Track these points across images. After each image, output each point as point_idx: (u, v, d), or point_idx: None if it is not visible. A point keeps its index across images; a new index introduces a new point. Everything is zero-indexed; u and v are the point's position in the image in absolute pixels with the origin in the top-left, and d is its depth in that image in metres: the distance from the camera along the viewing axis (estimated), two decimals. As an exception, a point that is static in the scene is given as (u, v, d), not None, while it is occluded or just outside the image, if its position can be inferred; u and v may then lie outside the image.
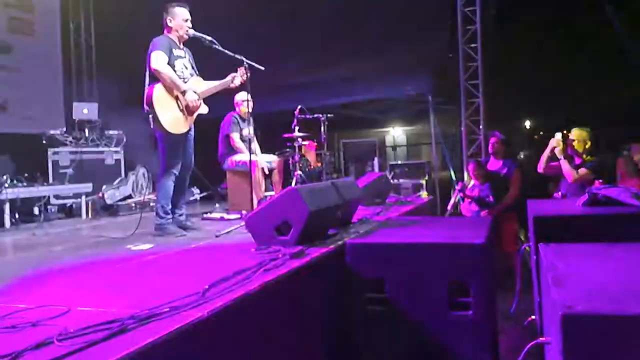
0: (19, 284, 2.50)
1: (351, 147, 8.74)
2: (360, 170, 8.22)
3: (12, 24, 7.59)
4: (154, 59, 3.91)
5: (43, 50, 8.04)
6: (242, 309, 2.03)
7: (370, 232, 3.45)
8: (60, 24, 8.39)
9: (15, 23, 7.64)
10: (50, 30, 8.21)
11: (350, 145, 8.76)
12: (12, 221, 5.17)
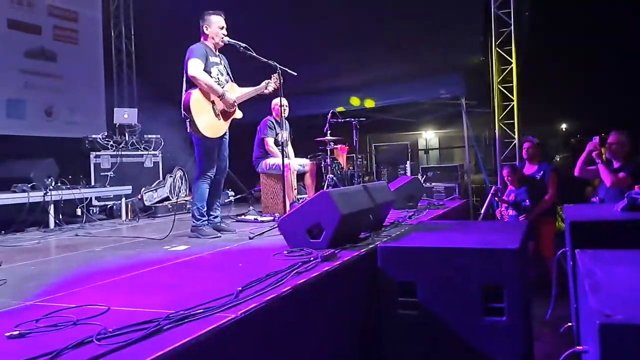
0: (61, 283, 2.61)
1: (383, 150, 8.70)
2: (393, 174, 8.17)
3: (58, 33, 7.91)
4: (190, 67, 4.02)
5: (86, 57, 8.36)
6: (274, 311, 2.06)
7: (402, 236, 3.43)
8: (102, 32, 8.69)
9: (60, 32, 7.96)
10: (93, 38, 8.52)
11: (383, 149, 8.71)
12: (56, 222, 5.38)
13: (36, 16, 7.61)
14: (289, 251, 3.03)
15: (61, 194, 5.45)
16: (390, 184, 5.16)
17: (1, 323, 1.85)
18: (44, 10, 7.74)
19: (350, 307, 2.84)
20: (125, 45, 9.09)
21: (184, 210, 6.45)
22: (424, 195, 6.35)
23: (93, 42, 8.53)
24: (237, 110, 4.33)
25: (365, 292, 2.98)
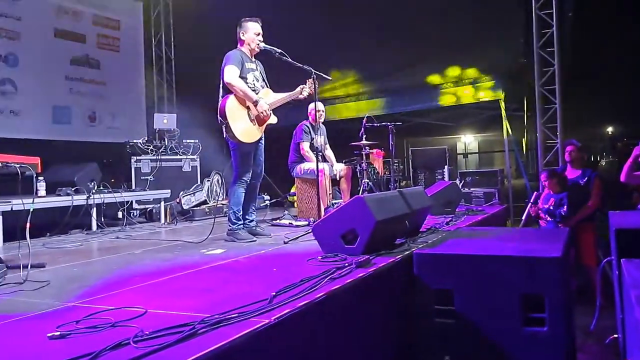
0: (102, 285, 2.67)
1: (420, 154, 8.57)
2: (430, 179, 8.05)
3: (101, 41, 8.18)
4: (226, 73, 4.08)
5: (127, 64, 8.61)
6: (308, 317, 2.05)
7: (439, 242, 3.38)
8: (142, 39, 8.94)
9: (104, 40, 8.23)
10: (134, 46, 8.77)
11: (420, 153, 8.59)
12: (98, 224, 5.54)
13: (81, 25, 7.89)
14: (323, 256, 3.02)
15: (103, 198, 5.61)
16: (427, 189, 5.08)
17: (44, 323, 1.91)
18: (89, 20, 8.01)
19: (385, 315, 2.80)
20: (165, 52, 9.31)
21: (221, 213, 6.53)
22: (462, 200, 6.23)
23: (134, 50, 8.78)
24: (272, 116, 4.36)
25: (400, 299, 2.94)
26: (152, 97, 9.01)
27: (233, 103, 4.11)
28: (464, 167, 10.16)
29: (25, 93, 7.05)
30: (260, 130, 4.32)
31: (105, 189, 5.80)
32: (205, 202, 6.99)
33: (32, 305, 2.23)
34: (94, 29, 8.09)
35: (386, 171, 6.95)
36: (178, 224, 6.08)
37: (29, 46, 7.12)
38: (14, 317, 2.05)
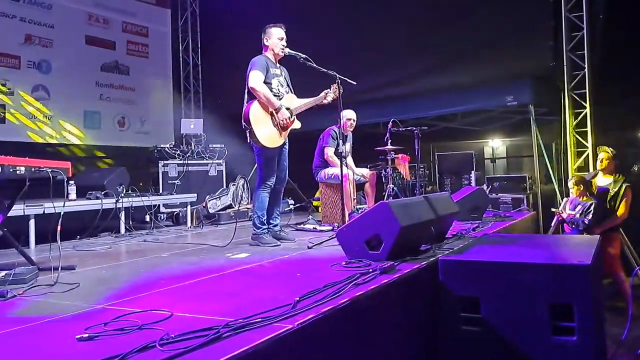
0: (130, 287, 2.72)
1: (446, 159, 8.47)
2: (456, 184, 7.95)
3: (130, 48, 8.37)
4: (251, 78, 4.12)
5: (155, 70, 8.78)
6: (331, 322, 2.04)
7: (466, 249, 3.33)
8: (170, 46, 9.11)
9: (133, 47, 8.42)
10: (162, 52, 8.94)
11: (446, 158, 8.49)
12: (126, 228, 5.64)
13: (111, 32, 8.09)
14: (347, 262, 3.01)
15: (131, 201, 5.71)
16: (453, 195, 5.02)
17: (73, 325, 1.95)
18: (118, 27, 8.21)
19: (410, 322, 2.77)
20: (192, 58, 9.45)
21: (246, 217, 6.59)
22: (490, 206, 6.13)
23: (162, 56, 8.95)
24: (296, 121, 4.38)
25: (425, 306, 2.90)
26: (179, 103, 9.16)
27: (257, 108, 4.15)
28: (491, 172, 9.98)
29: (58, 99, 7.25)
30: (284, 135, 4.34)
31: (134, 193, 5.90)
32: (230, 206, 7.05)
33: (62, 307, 2.29)
34: (123, 35, 8.29)
35: (412, 176, 6.89)
36: (204, 228, 6.14)
37: (61, 53, 7.33)
38: (44, 318, 2.10)
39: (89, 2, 7.81)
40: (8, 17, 6.78)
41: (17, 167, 2.85)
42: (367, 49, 7.67)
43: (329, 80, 4.36)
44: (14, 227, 3.70)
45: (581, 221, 5.08)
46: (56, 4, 7.32)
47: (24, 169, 2.91)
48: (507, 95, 7.33)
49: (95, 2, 7.89)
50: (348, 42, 7.72)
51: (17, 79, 6.84)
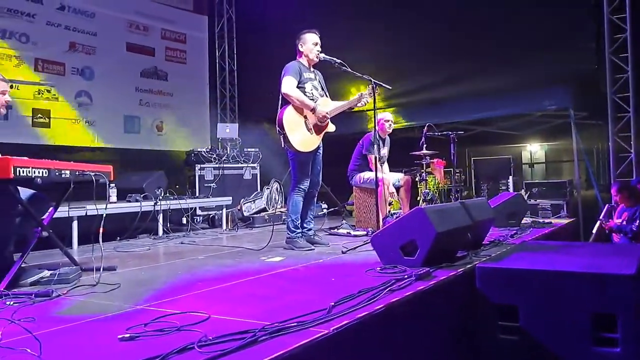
0: (168, 289, 2.78)
1: (483, 164, 8.32)
2: (493, 189, 7.81)
3: (169, 54, 8.57)
4: (284, 84, 4.18)
5: (193, 76, 8.96)
6: (366, 328, 2.04)
7: (504, 256, 3.27)
8: (207, 52, 9.28)
9: (171, 53, 8.62)
10: (199, 58, 9.12)
11: (482, 163, 8.34)
12: (164, 230, 5.77)
13: (151, 39, 8.30)
14: (382, 268, 3.00)
15: (169, 204, 5.84)
16: (490, 201, 4.93)
17: (115, 325, 2.01)
18: (158, 34, 8.42)
19: (446, 329, 2.74)
20: (228, 63, 9.59)
21: (280, 221, 6.63)
22: (528, 212, 5.99)
23: (199, 61, 9.12)
24: (330, 124, 4.39)
25: (461, 314, 2.86)
26: (216, 107, 9.31)
27: (290, 113, 4.19)
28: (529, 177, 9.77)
29: (100, 104, 7.48)
30: (318, 139, 4.35)
31: (171, 196, 6.03)
32: (264, 210, 7.12)
33: (104, 307, 2.36)
34: (162, 42, 8.49)
35: (447, 181, 6.80)
36: (239, 231, 6.22)
37: (103, 60, 7.56)
38: (87, 318, 2.17)
39: (130, 10, 8.04)
40: (54, 26, 7.04)
41: (63, 170, 2.95)
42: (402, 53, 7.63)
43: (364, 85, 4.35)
44: (58, 229, 3.84)
45: (629, 228, 4.91)
46: (99, 12, 7.56)
47: (68, 172, 3.01)
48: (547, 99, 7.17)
49: (135, 10, 8.11)
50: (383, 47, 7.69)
51: (62, 85, 7.09)
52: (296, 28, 4.46)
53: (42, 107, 6.88)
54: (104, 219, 3.12)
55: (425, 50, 7.53)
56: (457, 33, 7.28)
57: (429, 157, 6.01)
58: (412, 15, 7.56)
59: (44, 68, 6.92)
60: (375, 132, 4.52)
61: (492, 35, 7.10)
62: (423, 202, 5.67)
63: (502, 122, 8.45)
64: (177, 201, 6.01)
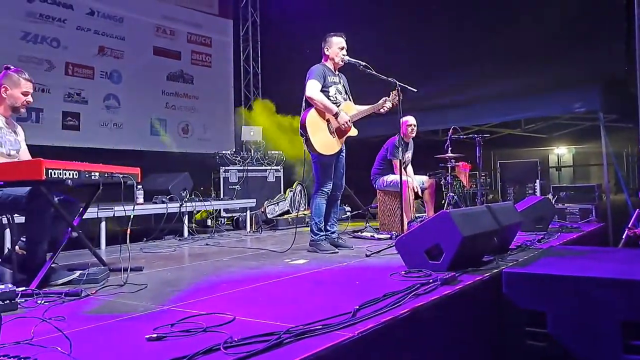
0: (193, 290, 2.81)
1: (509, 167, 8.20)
2: (520, 193, 7.69)
3: (194, 58, 8.69)
4: (307, 87, 4.19)
5: (218, 79, 9.06)
6: (391, 333, 2.03)
7: (531, 261, 3.22)
8: (232, 55, 9.38)
9: (197, 57, 8.73)
10: (224, 61, 9.22)
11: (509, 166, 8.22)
12: (189, 231, 5.84)
13: (177, 43, 8.43)
14: (407, 271, 2.98)
15: (194, 206, 5.91)
16: (517, 204, 4.85)
17: (142, 325, 2.05)
18: (184, 38, 8.54)
19: (471, 334, 2.70)
20: (252, 67, 9.67)
21: (303, 223, 6.64)
22: (556, 217, 5.88)
23: (224, 65, 9.22)
24: (353, 128, 4.38)
25: (487, 319, 2.82)
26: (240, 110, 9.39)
27: (313, 116, 4.20)
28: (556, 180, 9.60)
29: (127, 107, 7.62)
30: (340, 142, 4.35)
31: (197, 198, 6.10)
32: (288, 212, 7.15)
33: (132, 307, 2.40)
34: (188, 46, 8.61)
35: (472, 185, 6.72)
36: (263, 233, 6.25)
37: (131, 64, 7.70)
38: (115, 317, 2.21)
39: (157, 15, 8.17)
40: (84, 30, 7.20)
41: (92, 172, 3.01)
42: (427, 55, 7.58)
43: (389, 88, 4.33)
44: (87, 229, 3.92)
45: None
46: (127, 17, 7.71)
47: (98, 174, 3.07)
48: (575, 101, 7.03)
49: (162, 15, 8.25)
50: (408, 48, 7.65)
51: (91, 89, 7.25)
52: (320, 31, 4.47)
53: (72, 110, 7.03)
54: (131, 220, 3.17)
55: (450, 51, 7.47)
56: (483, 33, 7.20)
57: (454, 160, 5.95)
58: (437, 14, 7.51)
59: (74, 72, 7.08)
60: (399, 135, 4.49)
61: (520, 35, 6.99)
62: (448, 206, 5.61)
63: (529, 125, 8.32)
64: (202, 203, 6.08)
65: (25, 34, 6.57)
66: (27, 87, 3.21)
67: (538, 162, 8.01)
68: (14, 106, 3.20)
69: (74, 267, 3.17)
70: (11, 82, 3.15)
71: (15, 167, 2.76)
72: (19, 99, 3.18)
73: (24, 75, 3.22)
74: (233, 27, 9.45)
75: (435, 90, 7.46)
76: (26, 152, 3.38)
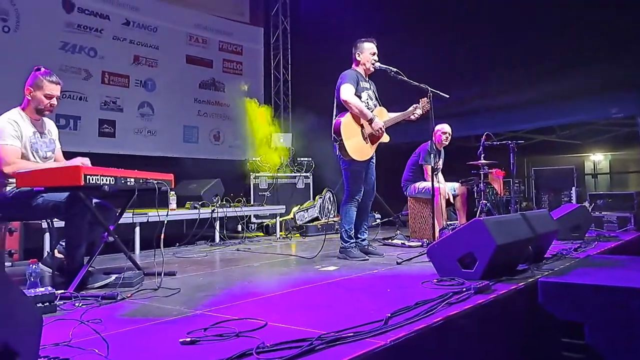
0: (225, 295, 2.84)
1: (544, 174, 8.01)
2: (555, 201, 7.51)
3: (226, 66, 8.81)
4: (342, 91, 4.17)
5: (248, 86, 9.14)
6: (424, 342, 2.00)
7: (567, 271, 3.14)
8: (263, 63, 9.47)
9: (228, 64, 8.85)
10: (255, 69, 9.32)
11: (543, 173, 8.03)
12: (220, 237, 5.91)
13: (209, 52, 8.56)
14: (439, 280, 2.94)
15: (225, 212, 5.98)
16: (552, 212, 4.74)
17: (176, 329, 2.07)
18: (216, 46, 8.67)
19: (506, 345, 2.64)
20: (283, 74, 9.74)
21: (333, 230, 6.65)
22: (592, 225, 5.72)
23: (255, 72, 9.32)
24: (385, 134, 4.36)
25: (523, 330, 2.76)
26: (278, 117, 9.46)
27: (348, 121, 4.19)
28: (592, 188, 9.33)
29: (161, 115, 7.78)
30: (373, 148, 4.34)
31: (228, 204, 6.17)
32: (317, 219, 7.15)
33: (165, 311, 2.43)
34: (220, 54, 8.74)
35: (506, 192, 6.60)
36: (292, 239, 6.27)
37: (164, 72, 7.86)
38: (150, 321, 2.25)
39: (190, 24, 8.33)
40: (119, 40, 7.40)
41: (128, 178, 3.08)
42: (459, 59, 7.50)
43: (420, 93, 4.31)
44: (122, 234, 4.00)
45: None
46: (161, 26, 7.88)
47: (133, 180, 3.14)
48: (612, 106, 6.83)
49: (195, 24, 8.40)
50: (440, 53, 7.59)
51: (126, 97, 7.43)
52: (350, 36, 4.48)
53: (107, 117, 7.22)
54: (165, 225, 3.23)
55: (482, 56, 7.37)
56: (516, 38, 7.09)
57: (487, 167, 5.85)
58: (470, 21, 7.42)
59: (110, 81, 7.27)
60: (432, 142, 4.44)
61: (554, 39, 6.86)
62: (480, 214, 5.52)
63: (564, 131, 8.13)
64: (234, 209, 6.14)
65: (64, 44, 6.78)
66: (50, 90, 3.18)
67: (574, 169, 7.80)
68: (38, 108, 3.20)
69: (110, 271, 3.24)
70: (35, 84, 3.17)
71: (55, 173, 2.84)
72: (42, 101, 3.17)
73: (49, 77, 3.19)
74: (264, 34, 9.56)
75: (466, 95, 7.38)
76: (59, 149, 3.46)
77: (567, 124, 7.64)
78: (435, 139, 5.62)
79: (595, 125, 7.78)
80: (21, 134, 3.14)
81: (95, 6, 7.12)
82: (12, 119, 3.13)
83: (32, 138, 3.21)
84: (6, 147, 3.04)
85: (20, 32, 6.29)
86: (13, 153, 3.06)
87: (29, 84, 3.19)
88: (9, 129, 3.07)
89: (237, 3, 9.16)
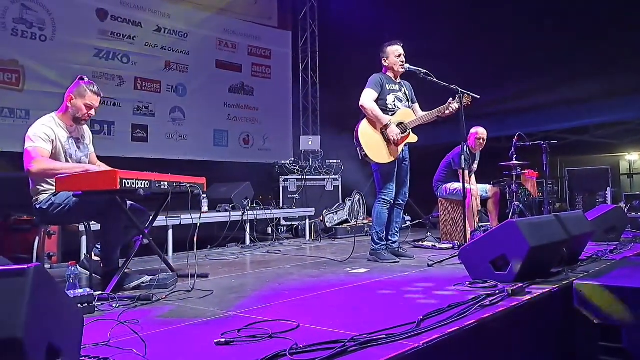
0: (257, 296, 2.87)
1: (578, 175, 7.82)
2: (590, 202, 7.32)
3: (255, 70, 8.91)
4: (362, 96, 4.22)
5: (277, 90, 9.23)
6: (457, 344, 1.99)
7: (603, 273, 3.07)
8: (291, 66, 9.54)
9: (257, 69, 8.95)
10: (283, 72, 9.38)
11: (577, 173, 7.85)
12: (251, 239, 5.97)
13: (238, 56, 8.67)
14: (471, 282, 2.91)
15: (256, 214, 6.04)
16: (587, 214, 4.63)
17: (210, 330, 2.12)
18: (245, 51, 8.78)
19: (540, 348, 2.60)
20: (311, 77, 9.79)
21: (362, 233, 6.64)
22: (629, 226, 5.56)
23: (283, 76, 9.39)
24: (412, 135, 4.32)
25: (557, 333, 2.71)
26: (299, 120, 9.53)
27: (365, 126, 4.20)
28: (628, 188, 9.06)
29: (192, 119, 7.91)
30: (397, 150, 4.27)
31: (258, 206, 6.24)
32: (346, 221, 7.15)
33: (199, 312, 2.48)
34: (249, 58, 8.84)
35: (539, 193, 6.47)
36: (322, 241, 6.30)
37: (195, 77, 8.00)
38: (184, 321, 2.30)
39: (219, 29, 8.45)
40: (151, 47, 7.56)
41: (162, 182, 3.15)
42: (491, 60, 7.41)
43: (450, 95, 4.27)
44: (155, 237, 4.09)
45: None
46: (191, 32, 8.02)
47: (167, 184, 3.21)
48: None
49: (224, 29, 8.52)
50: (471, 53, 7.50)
51: (158, 102, 7.58)
52: (379, 39, 4.48)
53: (140, 122, 7.39)
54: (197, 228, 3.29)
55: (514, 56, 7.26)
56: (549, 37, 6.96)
57: (520, 167, 5.75)
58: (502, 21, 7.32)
59: (142, 86, 7.43)
60: (465, 144, 4.37)
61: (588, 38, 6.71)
62: (513, 215, 5.43)
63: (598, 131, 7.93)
64: (263, 211, 6.20)
65: (98, 51, 6.96)
66: (91, 100, 3.25)
67: (609, 170, 7.60)
68: (76, 116, 3.27)
69: (145, 273, 3.32)
70: (78, 92, 3.24)
71: (92, 177, 2.92)
72: (81, 110, 3.24)
73: (92, 87, 3.26)
74: (292, 38, 9.62)
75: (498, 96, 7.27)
76: (93, 153, 3.55)
77: (601, 123, 7.45)
78: (470, 142, 5.54)
79: (630, 124, 7.56)
80: (54, 138, 3.19)
81: (127, 14, 7.29)
82: (46, 124, 3.20)
83: (66, 144, 3.28)
84: (35, 148, 3.09)
85: (56, 41, 6.49)
86: (41, 154, 3.10)
87: (71, 91, 3.27)
88: (40, 133, 3.14)
89: (265, 7, 9.24)
